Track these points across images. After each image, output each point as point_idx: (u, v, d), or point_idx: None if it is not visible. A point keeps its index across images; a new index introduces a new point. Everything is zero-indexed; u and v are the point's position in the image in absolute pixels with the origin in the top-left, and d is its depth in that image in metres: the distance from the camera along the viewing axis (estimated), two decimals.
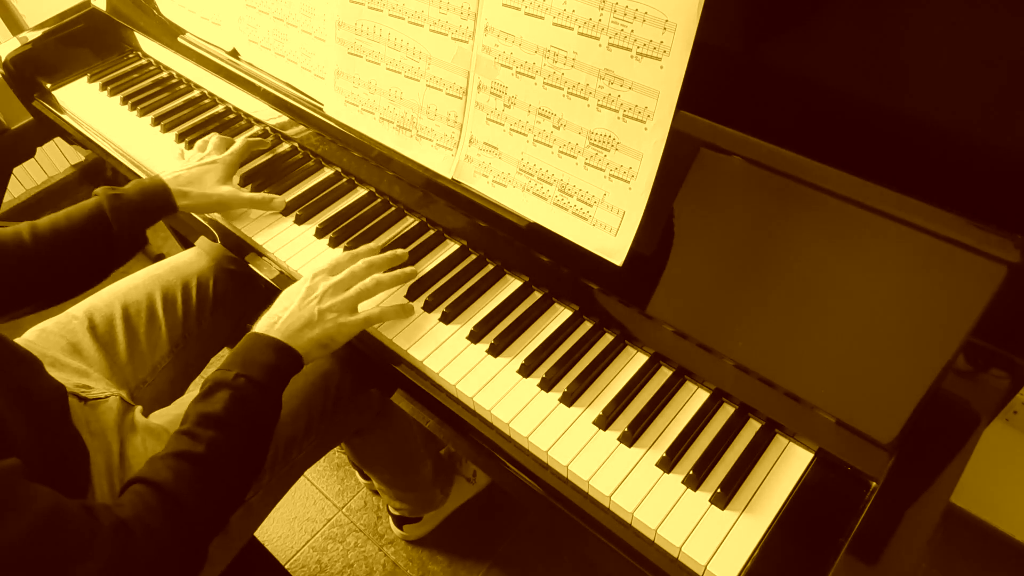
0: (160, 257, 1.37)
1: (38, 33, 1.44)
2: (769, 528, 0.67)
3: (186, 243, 1.76)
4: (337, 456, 1.65)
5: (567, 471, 0.73)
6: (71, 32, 1.47)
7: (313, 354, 0.81)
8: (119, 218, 0.94)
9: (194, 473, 0.68)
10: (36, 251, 0.89)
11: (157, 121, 1.28)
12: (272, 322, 0.81)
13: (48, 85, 1.44)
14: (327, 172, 1.14)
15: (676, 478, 0.71)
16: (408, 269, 0.94)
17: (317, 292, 0.85)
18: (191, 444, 0.69)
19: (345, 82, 1.03)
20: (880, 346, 0.65)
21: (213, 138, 1.14)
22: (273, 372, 0.76)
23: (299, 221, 1.06)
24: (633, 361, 0.82)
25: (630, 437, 0.74)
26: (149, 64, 1.45)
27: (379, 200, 1.07)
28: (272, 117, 1.18)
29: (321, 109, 1.08)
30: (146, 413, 0.94)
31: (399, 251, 0.95)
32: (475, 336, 0.86)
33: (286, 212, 1.07)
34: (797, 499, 0.69)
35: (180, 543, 0.66)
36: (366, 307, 0.88)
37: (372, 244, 0.98)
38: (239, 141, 1.14)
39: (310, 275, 0.87)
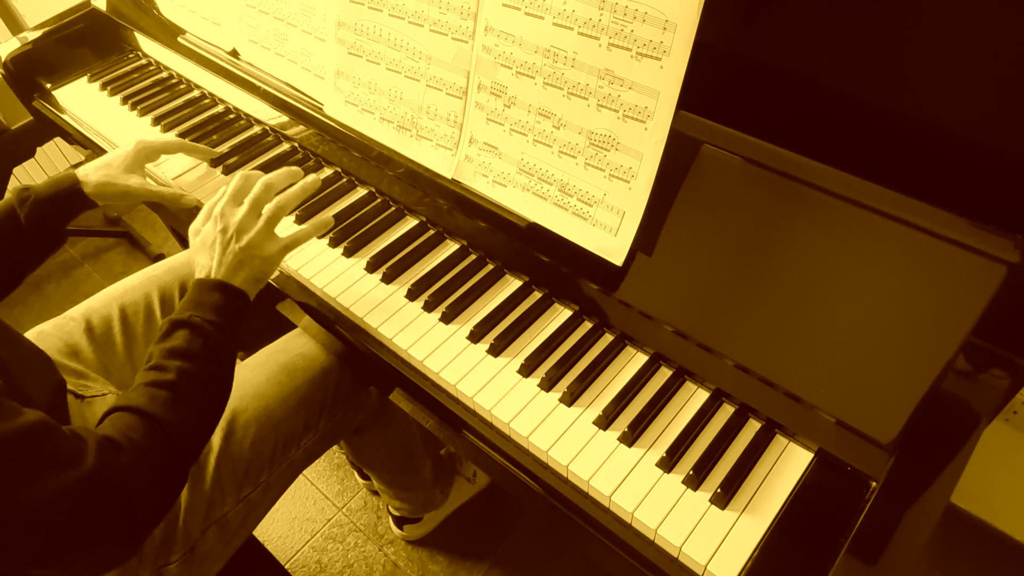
0: (160, 257, 1.37)
1: (38, 33, 1.44)
2: (769, 528, 0.67)
3: (186, 243, 1.76)
4: (337, 456, 1.65)
5: (567, 471, 0.73)
6: (71, 32, 1.47)
7: (252, 289, 0.85)
8: (26, 211, 0.94)
9: (168, 396, 0.70)
10: None
11: (157, 121, 1.28)
12: (207, 273, 0.84)
13: (48, 85, 1.44)
14: (327, 172, 1.14)
15: (676, 478, 0.71)
16: (311, 178, 0.92)
17: (231, 231, 0.85)
18: (160, 374, 0.71)
19: (345, 82, 1.03)
20: (880, 346, 0.65)
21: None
22: (223, 309, 0.79)
23: (299, 221, 1.05)
24: (633, 361, 0.82)
25: (630, 437, 0.74)
26: (149, 64, 1.45)
27: (379, 200, 1.07)
28: (272, 117, 1.18)
29: (321, 109, 1.08)
30: None
31: (294, 168, 0.93)
32: (475, 336, 0.86)
33: None
34: (797, 499, 0.69)
35: (163, 456, 0.68)
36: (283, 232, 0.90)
37: (254, 165, 1.01)
38: (173, 137, 1.16)
39: (218, 213, 0.86)
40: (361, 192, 1.10)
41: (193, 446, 0.73)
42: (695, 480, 0.70)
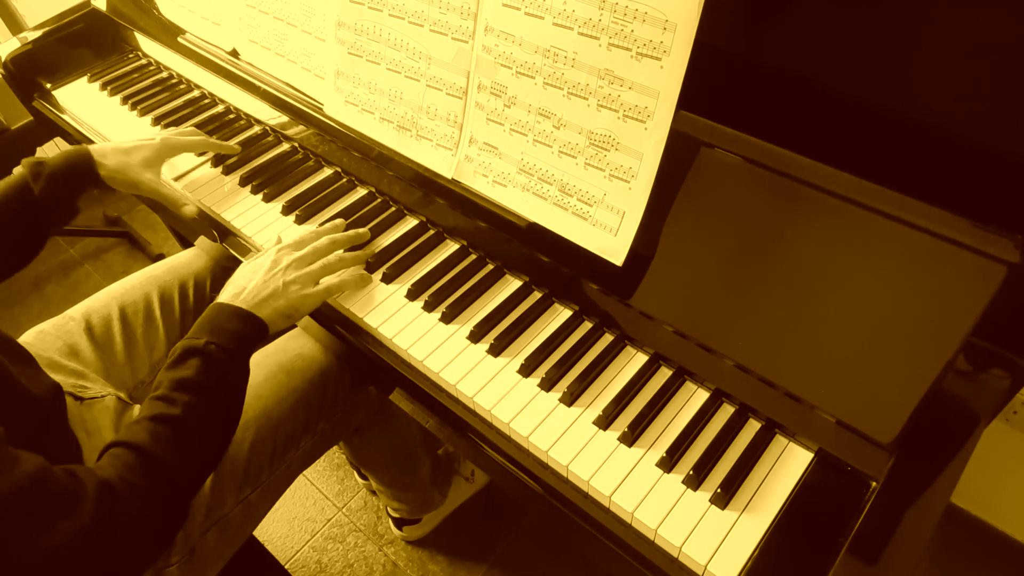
0: (160, 257, 1.37)
1: (38, 33, 1.44)
2: (769, 528, 0.67)
3: (186, 243, 1.76)
4: (337, 456, 1.65)
5: (567, 471, 0.73)
6: (71, 32, 1.47)
7: (278, 324, 0.83)
8: (40, 183, 0.95)
9: (172, 435, 0.69)
10: None
11: (157, 121, 1.28)
12: (237, 292, 0.82)
13: (48, 85, 1.44)
14: (327, 172, 1.14)
15: (676, 478, 0.71)
16: (368, 249, 0.97)
17: (281, 265, 0.86)
18: (167, 408, 0.70)
19: (345, 82, 1.03)
20: (880, 346, 0.65)
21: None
22: (240, 339, 0.77)
23: (299, 221, 1.06)
24: (633, 361, 0.82)
25: (630, 437, 0.74)
26: (149, 64, 1.45)
27: (379, 200, 1.07)
28: (272, 117, 1.18)
29: (321, 109, 1.08)
30: None
31: (361, 230, 0.98)
32: (475, 336, 0.86)
33: (286, 212, 1.07)
34: (797, 499, 0.69)
35: (163, 500, 0.67)
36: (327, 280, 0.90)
37: (338, 221, 1.00)
38: (189, 128, 1.15)
39: (275, 248, 0.89)
40: (361, 192, 1.10)
41: (194, 486, 0.73)
42: (695, 480, 0.70)
